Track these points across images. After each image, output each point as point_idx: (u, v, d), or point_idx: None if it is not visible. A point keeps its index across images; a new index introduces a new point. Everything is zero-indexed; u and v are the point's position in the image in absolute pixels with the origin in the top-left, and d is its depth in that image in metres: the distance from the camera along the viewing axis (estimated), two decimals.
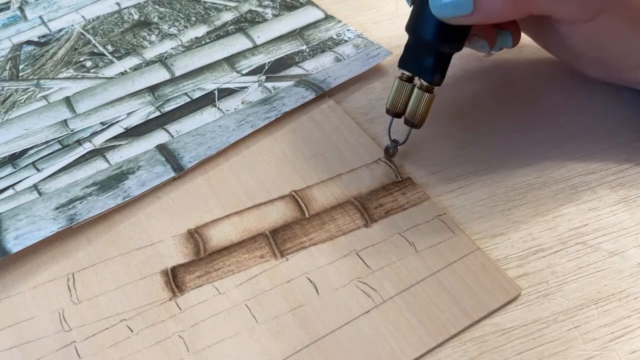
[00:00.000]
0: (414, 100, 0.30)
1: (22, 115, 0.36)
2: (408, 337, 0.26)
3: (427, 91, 0.30)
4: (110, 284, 0.28)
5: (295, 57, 0.39)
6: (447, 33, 0.29)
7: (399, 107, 0.31)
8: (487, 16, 0.28)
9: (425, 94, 0.30)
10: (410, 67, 0.30)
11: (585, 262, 0.28)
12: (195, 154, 0.33)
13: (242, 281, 0.28)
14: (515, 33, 0.32)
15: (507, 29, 0.32)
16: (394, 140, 0.32)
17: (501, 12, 0.28)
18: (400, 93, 0.30)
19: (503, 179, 0.32)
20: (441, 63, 0.30)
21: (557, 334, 0.26)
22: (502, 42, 0.32)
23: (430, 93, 0.30)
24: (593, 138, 0.33)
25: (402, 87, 0.30)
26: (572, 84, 0.35)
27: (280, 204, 0.31)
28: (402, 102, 0.30)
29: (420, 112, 0.30)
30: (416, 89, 0.30)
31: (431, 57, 0.29)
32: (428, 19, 0.28)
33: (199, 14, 0.43)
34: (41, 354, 0.26)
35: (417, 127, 0.31)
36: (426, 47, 0.29)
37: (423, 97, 0.30)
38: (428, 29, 0.29)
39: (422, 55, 0.29)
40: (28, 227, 0.30)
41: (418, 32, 0.29)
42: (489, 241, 0.29)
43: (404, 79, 0.30)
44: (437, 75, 0.30)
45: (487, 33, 0.31)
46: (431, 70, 0.29)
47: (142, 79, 0.38)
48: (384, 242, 0.29)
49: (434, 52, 0.29)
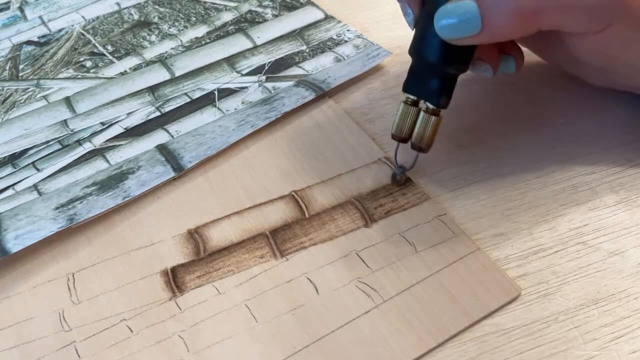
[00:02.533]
0: (421, 124, 0.30)
1: (22, 115, 0.36)
2: (408, 337, 0.26)
3: (433, 114, 0.29)
4: (110, 284, 0.28)
5: (295, 58, 0.39)
6: (453, 54, 0.28)
7: (405, 132, 0.30)
8: (496, 35, 0.27)
9: (431, 117, 0.29)
10: (416, 91, 0.29)
11: (586, 262, 0.28)
12: (195, 154, 0.33)
13: (242, 281, 0.28)
14: (518, 58, 0.31)
15: (510, 54, 0.31)
16: (401, 166, 0.31)
17: (509, 30, 0.27)
18: (406, 118, 0.30)
19: (503, 179, 0.32)
20: (447, 85, 0.29)
21: (557, 334, 0.26)
22: (505, 67, 0.31)
23: (437, 116, 0.29)
24: (593, 138, 0.33)
25: (407, 111, 0.30)
26: (572, 84, 0.35)
27: (280, 204, 0.31)
28: (408, 127, 0.30)
29: (427, 136, 0.30)
30: (422, 112, 0.30)
31: (437, 80, 0.29)
32: (433, 40, 0.28)
33: (199, 14, 0.43)
34: (41, 354, 0.26)
35: (424, 151, 0.30)
36: (431, 69, 0.29)
37: (430, 120, 0.29)
38: (432, 51, 0.28)
39: (427, 78, 0.29)
40: (28, 227, 0.30)
41: (423, 54, 0.29)
42: (489, 241, 0.29)
43: (409, 103, 0.30)
44: (443, 97, 0.29)
45: (490, 56, 0.30)
46: (437, 93, 0.29)
47: (142, 79, 0.38)
48: (384, 242, 0.29)
49: (439, 74, 0.29)
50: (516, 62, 0.31)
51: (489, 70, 0.30)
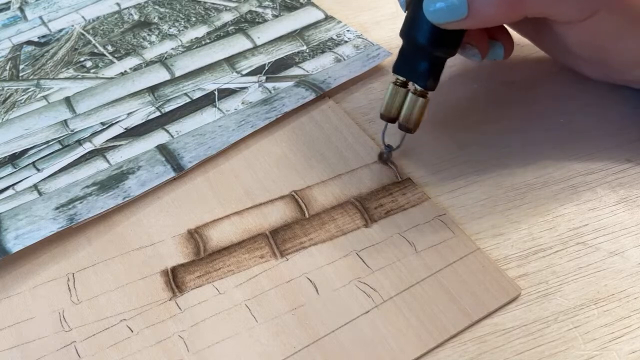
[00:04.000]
0: (408, 105, 0.30)
1: (22, 115, 0.36)
2: (408, 337, 0.26)
3: (421, 96, 0.30)
4: (110, 284, 0.28)
5: (296, 58, 0.39)
6: (441, 38, 0.29)
7: (393, 112, 0.31)
8: (482, 20, 0.28)
9: (419, 98, 0.30)
10: (404, 72, 0.30)
11: (585, 262, 0.28)
12: (195, 154, 0.33)
13: (242, 281, 0.28)
14: (507, 45, 0.32)
15: (498, 40, 0.32)
16: (388, 146, 0.32)
17: (495, 16, 0.28)
18: (394, 98, 0.30)
19: (503, 179, 0.32)
20: (435, 68, 0.30)
21: (557, 334, 0.26)
22: (493, 53, 0.32)
23: (424, 98, 0.30)
24: (593, 138, 0.33)
25: (396, 92, 0.30)
26: (572, 84, 0.35)
27: (280, 204, 0.31)
28: (396, 107, 0.30)
29: (414, 117, 0.30)
30: (410, 93, 0.30)
31: (425, 62, 0.29)
32: (422, 24, 0.29)
33: (199, 14, 0.43)
34: (41, 354, 0.26)
35: (411, 132, 0.31)
36: (420, 52, 0.29)
37: (417, 101, 0.30)
38: (422, 33, 0.29)
39: (416, 60, 0.30)
40: (28, 227, 0.30)
41: (412, 37, 0.29)
42: (489, 241, 0.29)
43: (398, 84, 0.30)
44: (431, 80, 0.30)
45: (479, 41, 0.31)
46: (425, 75, 0.30)
47: (142, 79, 0.38)
48: (384, 242, 0.29)
49: (428, 57, 0.29)
50: (505, 49, 0.32)
51: (477, 54, 0.31)
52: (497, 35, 0.32)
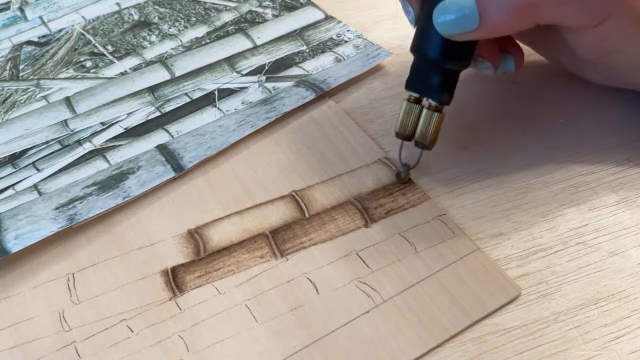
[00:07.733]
0: (424, 121, 0.29)
1: (22, 115, 0.36)
2: (408, 337, 0.26)
3: (436, 111, 0.29)
4: (110, 284, 0.28)
5: (295, 58, 0.39)
6: (453, 50, 0.28)
7: (408, 130, 0.30)
8: (494, 30, 0.27)
9: (434, 114, 0.29)
10: (418, 88, 0.30)
11: (585, 262, 0.28)
12: (195, 154, 0.33)
13: (242, 281, 0.28)
14: (518, 57, 0.32)
15: (509, 53, 0.31)
16: (405, 165, 0.31)
17: (508, 25, 0.27)
18: (409, 115, 0.30)
19: (503, 179, 0.32)
20: (449, 81, 0.29)
21: (557, 334, 0.26)
22: (505, 66, 0.32)
23: (440, 112, 0.29)
24: (593, 138, 0.33)
25: (410, 109, 0.30)
26: (572, 84, 0.35)
27: (280, 204, 0.31)
28: (411, 125, 0.30)
29: (430, 133, 0.30)
30: (425, 109, 0.30)
31: (438, 76, 0.29)
32: (433, 37, 0.28)
33: (199, 14, 0.43)
34: (41, 354, 0.26)
35: (428, 148, 0.30)
36: (433, 66, 0.29)
37: (432, 117, 0.29)
38: (433, 47, 0.28)
39: (429, 75, 0.29)
40: (28, 227, 0.30)
41: (424, 51, 0.29)
42: (489, 241, 0.29)
43: (411, 100, 0.30)
44: (445, 94, 0.29)
45: (491, 54, 0.30)
46: (439, 90, 0.29)
47: (142, 79, 0.38)
48: (384, 242, 0.29)
49: (441, 71, 0.29)
50: (516, 61, 0.32)
51: (490, 67, 0.31)
52: (507, 47, 0.31)
